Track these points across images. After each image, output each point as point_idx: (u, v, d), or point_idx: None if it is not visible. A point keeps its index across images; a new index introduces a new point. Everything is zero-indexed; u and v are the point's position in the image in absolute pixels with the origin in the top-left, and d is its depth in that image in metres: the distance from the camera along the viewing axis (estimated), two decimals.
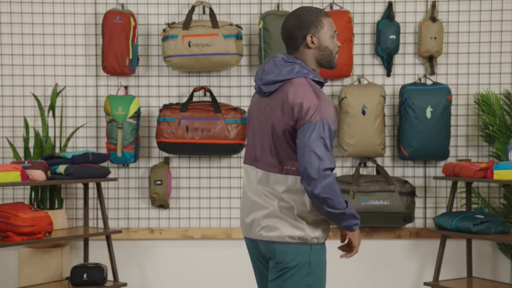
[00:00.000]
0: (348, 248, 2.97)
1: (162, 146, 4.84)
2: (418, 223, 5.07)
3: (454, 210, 5.02)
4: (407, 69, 5.07)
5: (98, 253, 4.99)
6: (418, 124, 4.80)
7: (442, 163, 5.01)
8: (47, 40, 5.08)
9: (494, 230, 4.41)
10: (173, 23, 4.84)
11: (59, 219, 4.79)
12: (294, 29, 2.83)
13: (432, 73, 5.02)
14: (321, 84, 2.86)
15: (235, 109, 4.86)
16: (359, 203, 4.80)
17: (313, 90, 2.74)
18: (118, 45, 4.79)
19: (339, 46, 2.87)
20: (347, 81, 5.06)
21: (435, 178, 4.79)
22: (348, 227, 2.85)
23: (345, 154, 4.86)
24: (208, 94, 5.01)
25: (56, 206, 4.93)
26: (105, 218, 4.78)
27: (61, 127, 4.94)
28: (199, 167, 5.09)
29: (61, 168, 4.51)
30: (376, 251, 5.07)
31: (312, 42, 2.82)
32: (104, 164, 4.97)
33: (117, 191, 5.10)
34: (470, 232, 4.42)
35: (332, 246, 4.98)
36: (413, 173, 5.08)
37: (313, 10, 2.84)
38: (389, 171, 5.05)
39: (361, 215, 4.82)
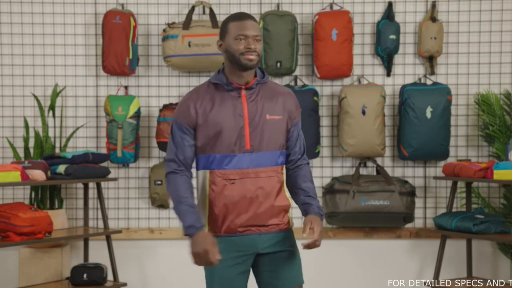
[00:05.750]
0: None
1: (162, 146, 4.83)
2: (418, 223, 5.07)
3: (454, 210, 5.02)
4: (407, 69, 5.07)
5: (98, 253, 4.99)
6: (418, 124, 4.80)
7: (442, 163, 5.01)
8: (47, 40, 5.08)
9: (494, 230, 4.41)
10: (173, 23, 4.85)
11: (59, 219, 4.79)
12: None
13: (432, 73, 5.01)
14: (219, 85, 2.91)
15: None
16: (359, 203, 4.79)
17: (189, 92, 2.95)
18: (118, 45, 4.79)
19: (248, 48, 2.84)
20: (347, 81, 5.06)
21: (435, 178, 4.79)
22: None
23: (345, 154, 4.85)
24: None
25: (56, 206, 4.93)
26: (105, 218, 4.77)
27: (61, 127, 4.94)
28: None
29: (61, 168, 4.51)
30: (376, 251, 5.07)
31: (220, 46, 2.93)
32: (104, 164, 4.97)
33: (117, 191, 5.09)
34: (470, 232, 4.42)
35: (333, 245, 4.99)
36: (413, 173, 5.08)
37: (227, 18, 2.93)
38: (389, 171, 5.05)
39: (361, 215, 4.82)
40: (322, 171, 5.07)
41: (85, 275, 4.61)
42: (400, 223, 4.89)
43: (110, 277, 4.84)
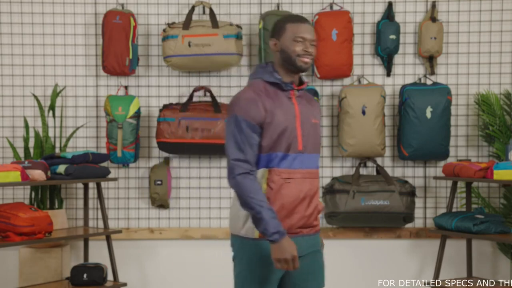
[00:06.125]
0: None
1: (162, 146, 4.83)
2: (418, 223, 5.07)
3: (454, 210, 5.02)
4: (407, 69, 5.07)
5: (98, 253, 4.99)
6: (418, 124, 4.80)
7: (442, 163, 5.01)
8: (47, 40, 5.08)
9: (494, 230, 4.41)
10: (173, 23, 4.84)
11: (59, 219, 4.79)
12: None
13: (432, 73, 5.02)
14: (274, 84, 2.92)
15: None
16: (359, 203, 4.79)
17: (248, 89, 2.88)
18: (118, 45, 4.79)
19: (305, 51, 2.89)
20: (347, 81, 5.06)
21: (435, 178, 4.79)
22: None
23: (345, 154, 4.86)
24: (208, 94, 5.01)
25: (56, 206, 4.93)
26: (105, 218, 4.77)
27: (61, 127, 4.94)
28: (199, 167, 5.09)
29: (61, 168, 4.51)
30: (376, 251, 5.07)
31: (275, 45, 2.94)
32: (104, 164, 4.97)
33: (117, 191, 5.10)
34: (470, 232, 4.42)
35: (333, 245, 4.99)
36: (413, 173, 5.08)
37: (283, 17, 2.96)
38: (389, 171, 5.05)
39: (361, 215, 4.82)
40: (322, 171, 5.07)
41: (85, 275, 4.61)
42: (400, 223, 4.89)
43: (110, 277, 4.84)
